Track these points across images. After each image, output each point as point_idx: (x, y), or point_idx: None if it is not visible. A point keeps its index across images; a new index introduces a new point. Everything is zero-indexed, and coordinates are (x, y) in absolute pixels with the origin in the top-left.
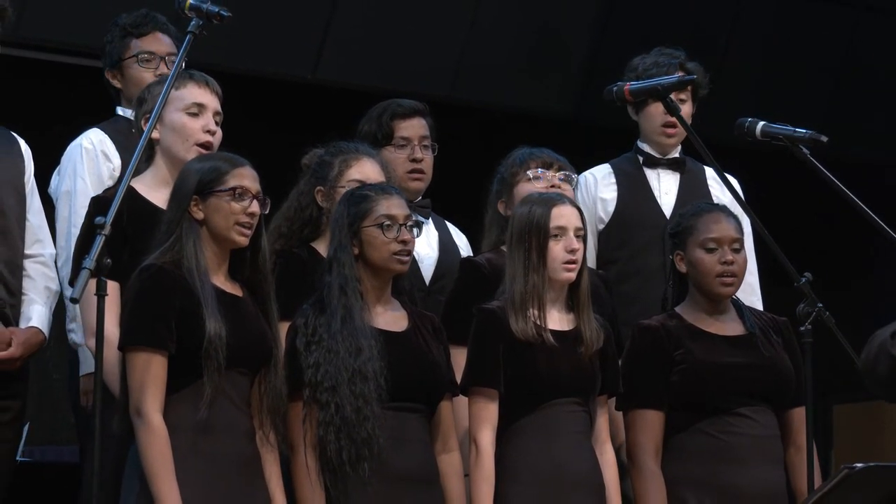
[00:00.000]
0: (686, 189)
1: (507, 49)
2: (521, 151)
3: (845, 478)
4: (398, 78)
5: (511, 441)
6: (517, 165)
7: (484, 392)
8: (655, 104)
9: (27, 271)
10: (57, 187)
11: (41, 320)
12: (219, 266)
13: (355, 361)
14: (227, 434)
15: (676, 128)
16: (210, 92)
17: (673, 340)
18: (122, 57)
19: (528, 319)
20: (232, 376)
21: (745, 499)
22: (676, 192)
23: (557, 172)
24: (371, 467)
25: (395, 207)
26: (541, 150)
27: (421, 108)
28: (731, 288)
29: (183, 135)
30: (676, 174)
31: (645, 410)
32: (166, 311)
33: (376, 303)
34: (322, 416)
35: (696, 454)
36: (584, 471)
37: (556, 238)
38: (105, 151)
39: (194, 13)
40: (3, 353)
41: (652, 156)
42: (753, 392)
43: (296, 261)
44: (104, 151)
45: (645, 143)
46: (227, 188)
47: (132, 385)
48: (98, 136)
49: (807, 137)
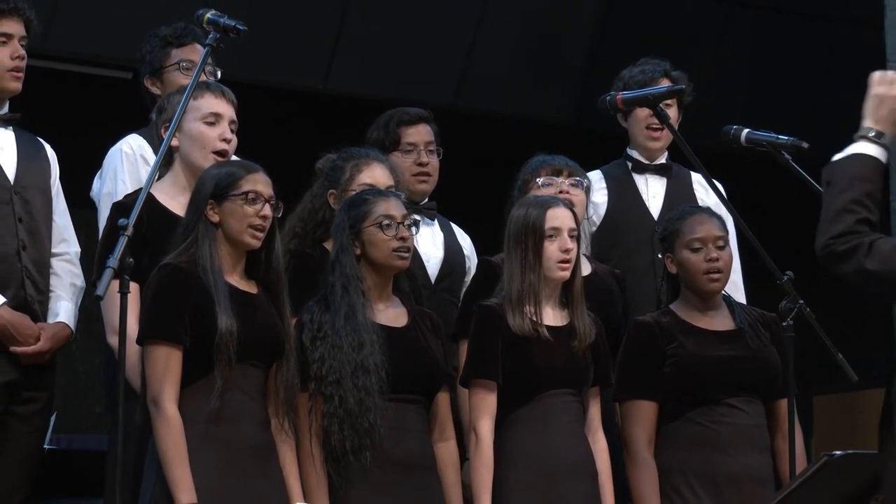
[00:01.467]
0: (672, 193)
1: (508, 60)
2: (536, 159)
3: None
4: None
5: (509, 430)
6: (529, 173)
7: (483, 384)
8: (640, 110)
9: (54, 269)
10: (99, 190)
11: (68, 315)
12: (234, 265)
13: (358, 356)
14: (239, 423)
15: (661, 129)
16: (226, 102)
17: (666, 335)
18: (162, 65)
19: (525, 316)
20: (244, 369)
21: (734, 484)
22: (663, 196)
23: (568, 179)
24: (372, 455)
25: (392, 208)
26: (554, 157)
27: (426, 116)
28: (718, 283)
29: (200, 142)
30: (663, 179)
31: (640, 401)
32: (182, 307)
33: (378, 300)
34: (326, 407)
35: (688, 442)
36: (577, 458)
37: (551, 238)
38: (143, 155)
39: (212, 27)
40: (32, 347)
41: (640, 162)
42: (742, 383)
43: (309, 260)
44: (143, 155)
45: (634, 149)
46: (241, 192)
47: (149, 376)
48: (137, 141)
49: (789, 144)
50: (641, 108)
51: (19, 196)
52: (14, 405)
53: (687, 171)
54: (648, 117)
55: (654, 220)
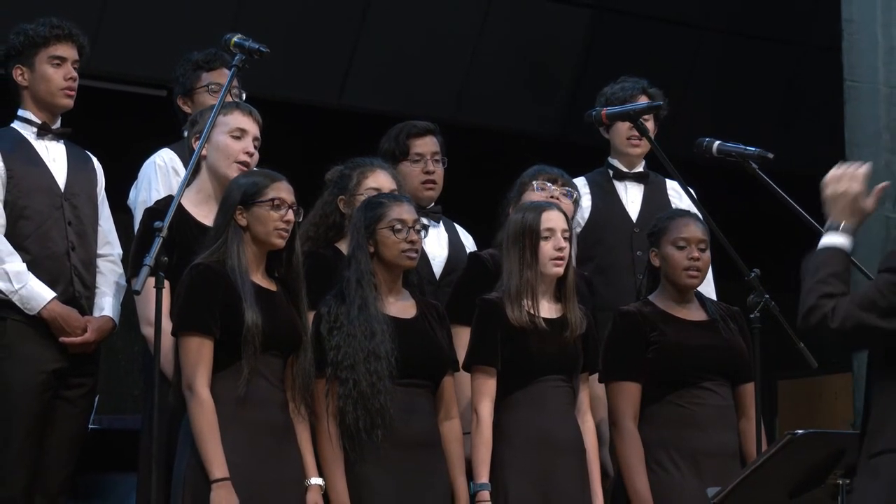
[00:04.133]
0: (649, 198)
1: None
2: (535, 167)
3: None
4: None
5: (506, 411)
6: (528, 177)
7: (484, 370)
8: (622, 124)
9: (99, 268)
10: (135, 198)
11: (111, 310)
12: (257, 265)
13: (370, 343)
14: (263, 406)
15: (640, 140)
16: (252, 120)
17: (648, 324)
18: (193, 87)
19: (523, 308)
20: (267, 358)
21: (707, 458)
22: (641, 201)
23: (561, 187)
24: (383, 434)
25: (405, 213)
26: (552, 167)
27: (432, 128)
28: (696, 280)
29: (226, 154)
30: (641, 185)
31: (625, 382)
32: (213, 303)
33: (388, 294)
34: (342, 390)
35: (668, 421)
36: (568, 437)
37: (546, 239)
38: (174, 167)
39: (238, 49)
40: (79, 338)
41: (620, 170)
42: (715, 369)
43: (322, 260)
44: (174, 167)
45: (615, 158)
46: (267, 199)
47: (184, 365)
48: (169, 154)
49: (755, 154)
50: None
51: (69, 202)
52: (63, 389)
53: (662, 179)
54: (629, 130)
55: (633, 221)
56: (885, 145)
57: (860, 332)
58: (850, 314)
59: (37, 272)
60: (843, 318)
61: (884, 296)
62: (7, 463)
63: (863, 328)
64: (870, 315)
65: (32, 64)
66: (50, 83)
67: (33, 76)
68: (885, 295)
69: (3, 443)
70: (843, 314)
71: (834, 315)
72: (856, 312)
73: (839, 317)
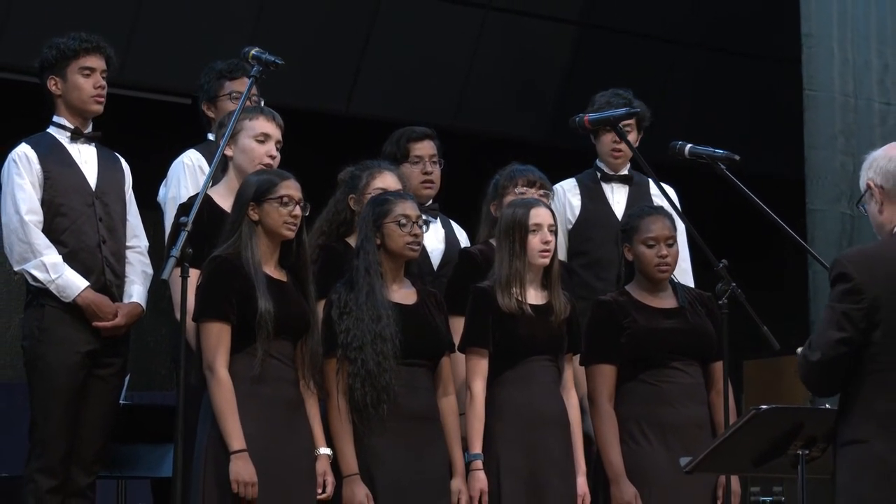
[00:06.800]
0: (634, 198)
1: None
2: (513, 168)
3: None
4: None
5: (498, 388)
6: (508, 180)
7: (477, 351)
8: (607, 135)
9: (128, 259)
10: (164, 195)
11: (140, 297)
12: (269, 257)
13: (376, 326)
14: (276, 384)
15: (622, 152)
16: (275, 125)
17: (622, 311)
18: (217, 94)
19: (512, 295)
20: (278, 341)
21: (676, 430)
22: (626, 201)
23: (539, 190)
24: (388, 409)
25: (409, 209)
26: (528, 169)
27: (430, 133)
28: (665, 274)
29: (251, 156)
30: (626, 186)
31: (601, 365)
32: (229, 292)
33: (393, 282)
34: (351, 369)
35: (640, 398)
36: (554, 412)
37: (534, 232)
38: (200, 167)
39: (256, 61)
40: (111, 322)
41: (606, 172)
42: (683, 350)
43: (334, 252)
44: (200, 167)
45: (601, 162)
46: (277, 196)
47: (204, 348)
48: (195, 154)
49: (724, 156)
50: (604, 127)
51: (100, 200)
52: (96, 369)
53: (646, 180)
54: (612, 143)
55: (619, 220)
56: (840, 148)
57: (804, 370)
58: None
59: (72, 263)
60: (799, 365)
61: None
62: (47, 435)
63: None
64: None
65: (64, 74)
66: (81, 91)
67: (66, 85)
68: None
69: (44, 417)
70: (798, 364)
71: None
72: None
73: (801, 370)
